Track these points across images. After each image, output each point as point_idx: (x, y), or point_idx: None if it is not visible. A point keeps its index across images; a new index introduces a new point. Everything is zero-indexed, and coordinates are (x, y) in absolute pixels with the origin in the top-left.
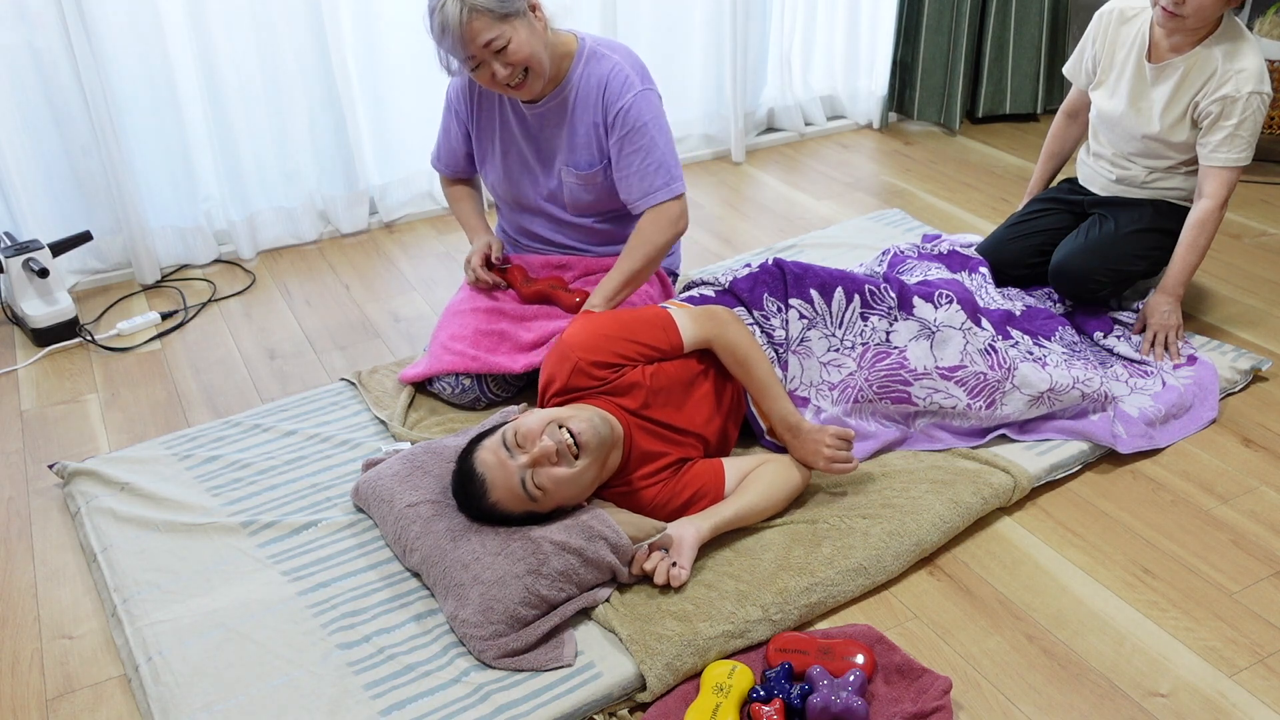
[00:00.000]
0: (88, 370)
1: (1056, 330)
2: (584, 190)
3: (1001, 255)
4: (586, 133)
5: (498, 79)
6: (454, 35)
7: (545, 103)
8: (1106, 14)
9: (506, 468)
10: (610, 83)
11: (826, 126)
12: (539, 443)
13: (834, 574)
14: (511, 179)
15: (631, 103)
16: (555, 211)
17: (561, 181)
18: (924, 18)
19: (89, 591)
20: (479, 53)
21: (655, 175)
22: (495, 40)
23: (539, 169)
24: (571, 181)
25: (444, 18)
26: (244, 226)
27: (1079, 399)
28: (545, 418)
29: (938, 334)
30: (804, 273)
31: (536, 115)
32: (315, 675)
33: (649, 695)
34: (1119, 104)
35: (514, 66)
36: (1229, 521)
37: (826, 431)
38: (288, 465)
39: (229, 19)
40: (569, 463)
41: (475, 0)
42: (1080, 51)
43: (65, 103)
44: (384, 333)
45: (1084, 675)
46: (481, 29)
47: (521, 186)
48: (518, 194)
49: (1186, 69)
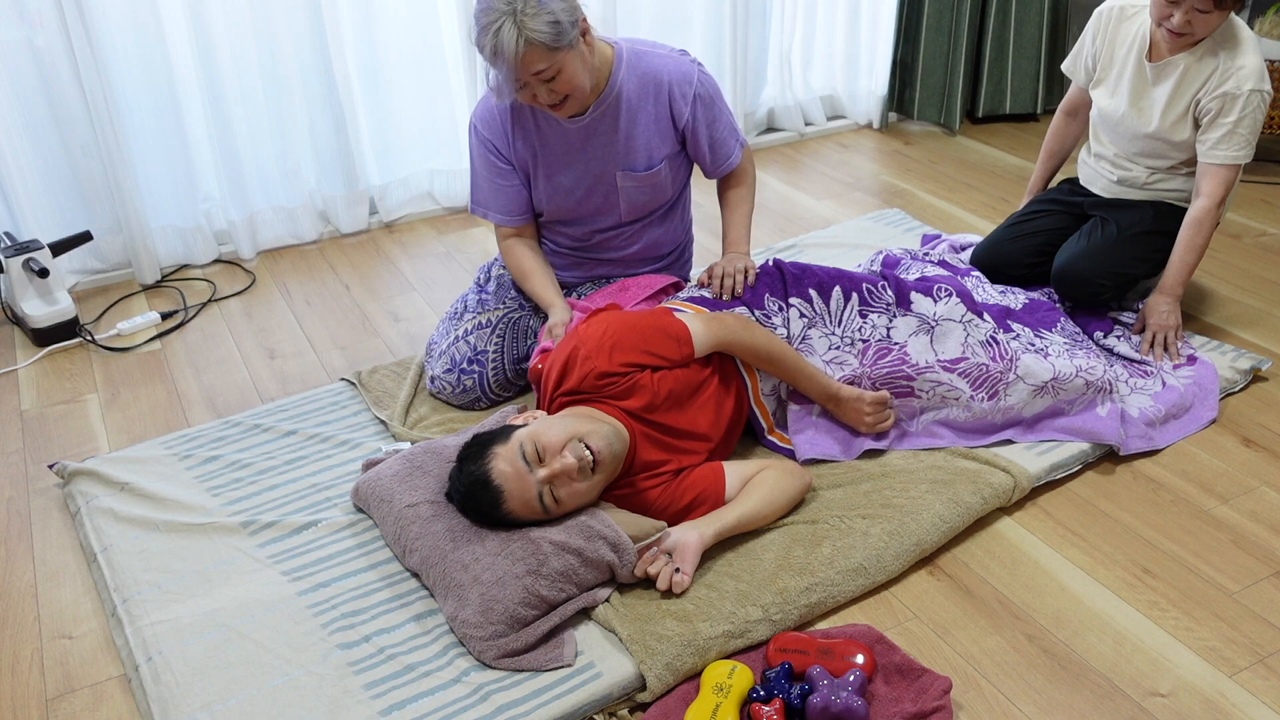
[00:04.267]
0: (88, 370)
1: (1057, 322)
2: (640, 191)
3: (1000, 255)
4: (646, 129)
5: (539, 100)
6: (507, 62)
7: (590, 113)
8: (1106, 11)
9: (525, 480)
10: (671, 74)
11: (826, 126)
12: (560, 458)
13: (834, 574)
14: (557, 195)
15: (698, 83)
16: (603, 220)
17: (617, 187)
18: (924, 18)
19: (89, 591)
20: (528, 78)
21: (730, 138)
22: (546, 70)
23: (587, 179)
24: (629, 185)
25: (498, 43)
26: (244, 226)
27: (1083, 388)
28: (566, 432)
29: (937, 328)
30: (802, 273)
31: (582, 128)
32: (315, 675)
33: (649, 695)
34: (1120, 103)
35: (559, 94)
36: (1229, 521)
37: (864, 399)
38: (288, 465)
39: (229, 19)
40: (586, 478)
41: (532, 33)
42: (1079, 48)
43: (65, 103)
44: (384, 333)
45: (1084, 675)
46: (535, 59)
47: (568, 200)
48: (564, 207)
49: (1186, 67)
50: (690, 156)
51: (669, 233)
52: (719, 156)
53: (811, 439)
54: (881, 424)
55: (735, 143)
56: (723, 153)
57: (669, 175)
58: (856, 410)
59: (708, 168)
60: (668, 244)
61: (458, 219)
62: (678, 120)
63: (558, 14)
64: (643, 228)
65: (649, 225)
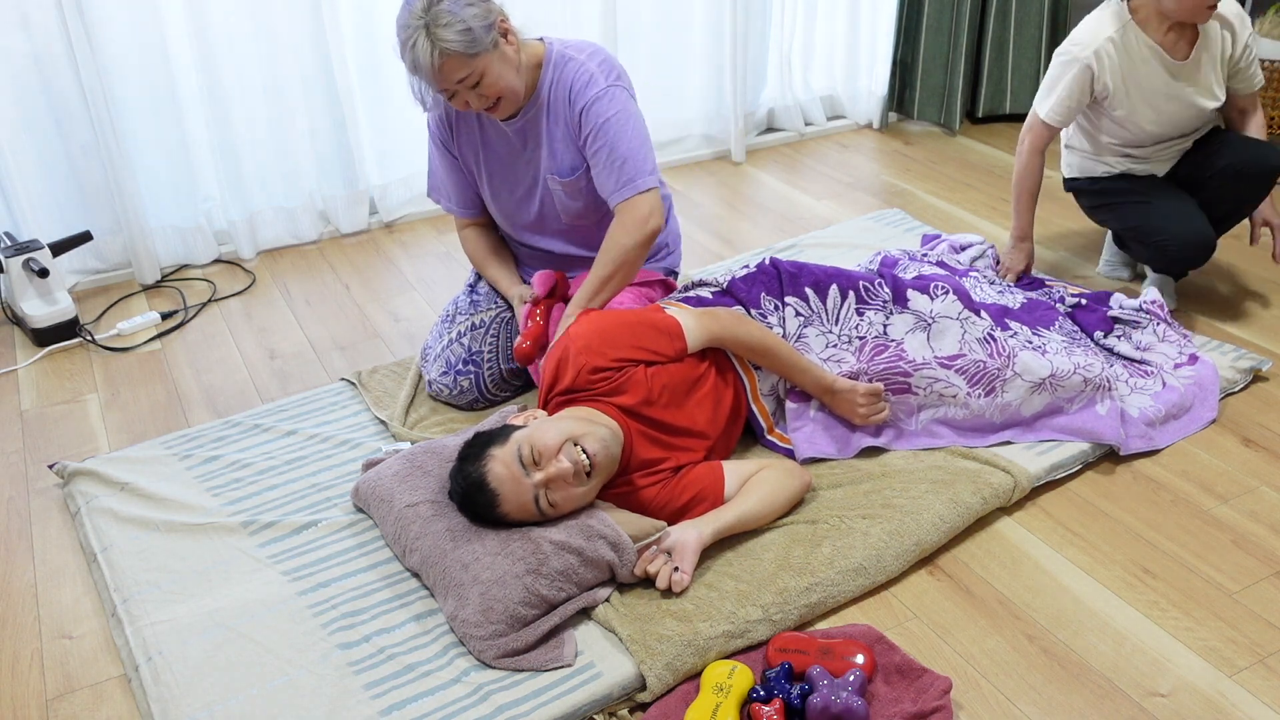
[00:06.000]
0: (88, 370)
1: (1055, 321)
2: (570, 197)
3: (1203, 232)
4: (564, 136)
5: (472, 105)
6: (426, 74)
7: (521, 116)
8: (1100, 49)
9: (520, 484)
10: (574, 83)
11: (826, 126)
12: (556, 463)
13: (834, 574)
14: (502, 198)
15: (594, 100)
16: (551, 223)
17: (549, 190)
18: (924, 18)
19: (89, 591)
20: (453, 86)
21: (621, 170)
22: (468, 78)
23: (527, 182)
24: (557, 189)
25: (415, 56)
26: (244, 226)
27: (1081, 385)
28: (561, 434)
29: (934, 325)
30: (799, 271)
31: (517, 130)
32: (315, 675)
33: (649, 695)
34: (1167, 108)
35: (487, 98)
36: (1229, 521)
37: (858, 391)
38: (288, 465)
39: (229, 19)
40: (582, 482)
41: (445, 44)
42: (1068, 97)
43: (66, 103)
44: (384, 333)
45: (1084, 675)
46: (454, 69)
47: (514, 203)
48: (513, 211)
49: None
50: None
51: None
52: (605, 187)
53: (810, 436)
54: (875, 416)
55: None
56: (605, 185)
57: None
58: (849, 401)
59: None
60: None
61: None
62: (579, 133)
63: (469, 21)
64: (595, 234)
65: (596, 230)
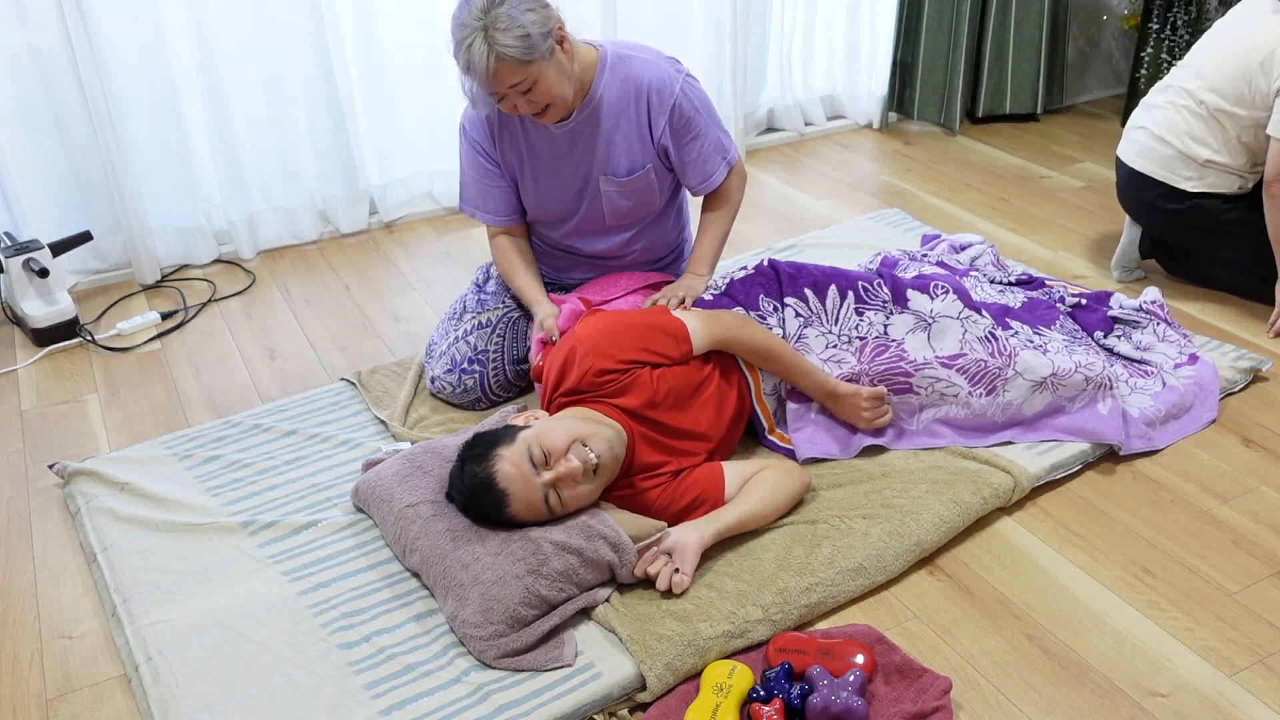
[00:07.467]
0: (88, 370)
1: (1056, 320)
2: (623, 197)
3: None
4: (627, 136)
5: (520, 110)
6: (479, 76)
7: (574, 118)
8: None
9: (530, 483)
10: (651, 81)
11: (826, 126)
12: (565, 461)
13: (834, 574)
14: (544, 200)
15: (680, 95)
16: (591, 224)
17: (600, 192)
18: (924, 18)
19: (89, 591)
20: (504, 91)
21: (713, 156)
22: (521, 83)
23: (575, 184)
24: (610, 190)
25: (470, 58)
26: (244, 226)
27: (1082, 383)
28: (569, 434)
29: (934, 325)
30: (797, 272)
31: (567, 132)
32: (315, 675)
33: (649, 695)
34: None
35: (538, 104)
36: (1229, 521)
37: (861, 395)
38: (288, 465)
39: (229, 19)
40: (590, 481)
41: (502, 48)
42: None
43: (66, 103)
44: (384, 333)
45: (1084, 675)
46: (508, 74)
47: (557, 205)
48: (554, 213)
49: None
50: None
51: (661, 237)
52: (697, 175)
53: (811, 437)
54: (879, 419)
55: (720, 161)
56: (701, 171)
57: (656, 180)
58: (854, 406)
59: (687, 185)
60: (661, 248)
61: (458, 219)
62: (654, 131)
63: (528, 27)
64: (634, 234)
65: (639, 232)
